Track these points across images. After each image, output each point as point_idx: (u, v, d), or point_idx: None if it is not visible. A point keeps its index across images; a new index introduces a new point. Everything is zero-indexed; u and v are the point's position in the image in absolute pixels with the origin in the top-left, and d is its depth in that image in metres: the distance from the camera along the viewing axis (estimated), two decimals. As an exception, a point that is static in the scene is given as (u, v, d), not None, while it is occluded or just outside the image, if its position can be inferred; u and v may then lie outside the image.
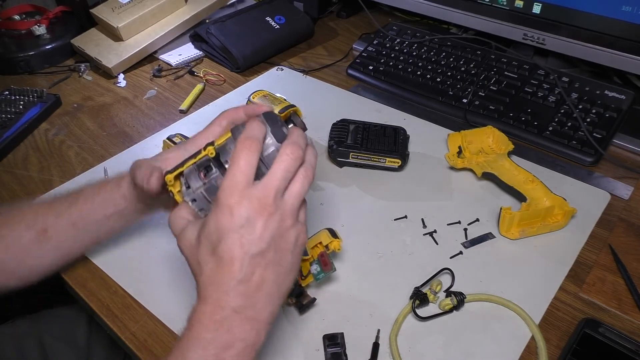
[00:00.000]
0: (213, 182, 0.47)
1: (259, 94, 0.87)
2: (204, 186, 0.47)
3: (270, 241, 0.43)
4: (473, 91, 0.91)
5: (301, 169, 0.45)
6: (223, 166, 0.47)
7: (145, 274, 0.64)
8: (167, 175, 0.48)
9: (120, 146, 0.86)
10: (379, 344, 0.56)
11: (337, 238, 0.60)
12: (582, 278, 0.63)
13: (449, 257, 0.65)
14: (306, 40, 1.16)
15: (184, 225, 0.46)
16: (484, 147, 0.80)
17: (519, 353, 0.55)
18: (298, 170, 0.45)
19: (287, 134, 0.47)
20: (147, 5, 1.06)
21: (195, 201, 0.48)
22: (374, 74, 0.99)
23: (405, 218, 0.71)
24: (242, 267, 0.42)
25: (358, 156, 0.77)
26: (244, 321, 0.42)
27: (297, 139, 0.46)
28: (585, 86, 0.87)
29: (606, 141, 0.80)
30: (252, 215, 0.42)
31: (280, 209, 0.43)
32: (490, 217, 0.70)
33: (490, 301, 0.60)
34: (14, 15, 1.14)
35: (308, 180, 0.45)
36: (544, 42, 0.91)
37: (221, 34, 1.05)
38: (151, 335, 0.58)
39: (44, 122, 0.93)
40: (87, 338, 0.76)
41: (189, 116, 0.93)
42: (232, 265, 0.42)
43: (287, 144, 0.45)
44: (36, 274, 0.60)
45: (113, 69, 1.03)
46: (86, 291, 0.63)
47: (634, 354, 0.53)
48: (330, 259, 0.59)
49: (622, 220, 0.70)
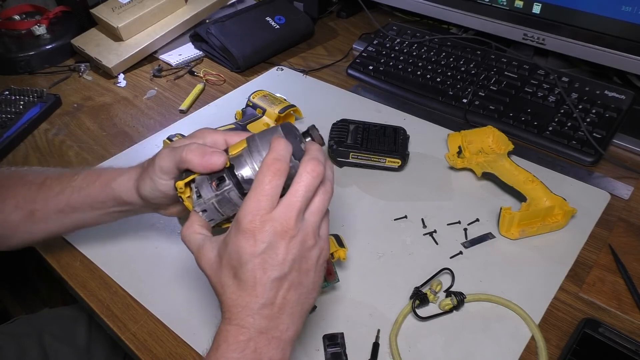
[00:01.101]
0: (226, 195, 0.46)
1: (258, 94, 0.87)
2: (215, 197, 0.46)
3: (293, 264, 0.42)
4: (473, 91, 0.91)
5: (321, 185, 0.44)
6: (236, 177, 0.46)
7: (145, 274, 0.64)
8: (177, 182, 0.48)
9: (120, 146, 0.86)
10: (379, 344, 0.56)
11: (343, 247, 0.59)
12: (582, 278, 0.63)
13: (449, 257, 0.65)
14: (306, 40, 1.16)
15: (201, 241, 0.46)
16: (484, 147, 0.80)
17: (519, 353, 0.55)
18: (318, 187, 0.44)
19: (305, 149, 0.46)
20: (147, 5, 1.06)
21: (206, 212, 0.47)
22: (374, 74, 0.99)
23: (405, 218, 0.71)
24: (265, 292, 0.42)
25: (358, 156, 0.77)
26: (269, 341, 0.42)
27: (316, 155, 0.44)
28: (585, 86, 0.87)
29: (606, 141, 0.80)
30: (274, 239, 0.42)
31: (302, 230, 0.43)
32: (490, 217, 0.70)
33: (490, 301, 0.60)
34: (14, 15, 1.14)
35: (328, 195, 0.45)
36: (544, 42, 0.91)
37: (221, 34, 1.05)
38: (151, 335, 0.58)
39: (44, 122, 0.93)
40: (87, 338, 0.76)
41: (189, 116, 0.93)
42: (255, 290, 0.42)
43: (307, 161, 0.43)
44: (29, 243, 0.62)
45: (113, 69, 1.03)
46: (86, 291, 0.63)
47: (634, 354, 0.53)
48: (334, 268, 0.59)
49: (622, 220, 0.70)
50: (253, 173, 0.45)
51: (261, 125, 0.83)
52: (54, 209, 0.57)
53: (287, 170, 0.43)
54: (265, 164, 0.43)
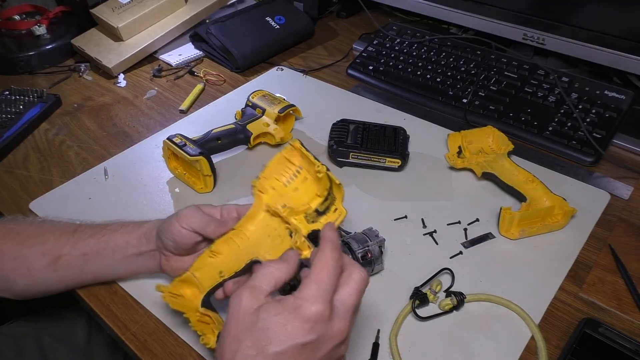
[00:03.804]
0: None
1: (258, 94, 0.87)
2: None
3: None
4: (473, 91, 0.91)
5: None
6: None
7: (145, 274, 0.64)
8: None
9: (120, 146, 0.86)
10: (379, 344, 0.56)
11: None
12: (582, 278, 0.63)
13: (449, 257, 0.65)
14: (306, 40, 1.16)
15: (258, 297, 0.43)
16: (484, 147, 0.80)
17: (519, 353, 0.55)
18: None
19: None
20: (147, 5, 1.06)
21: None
22: (374, 74, 0.99)
23: (405, 218, 0.71)
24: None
25: (358, 156, 0.77)
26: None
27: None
28: (585, 86, 0.87)
29: (606, 141, 0.80)
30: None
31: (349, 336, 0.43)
32: (490, 217, 0.70)
33: (490, 301, 0.60)
34: (14, 15, 1.14)
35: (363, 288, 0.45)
36: (544, 42, 0.91)
37: (221, 34, 1.05)
38: (151, 335, 0.58)
39: (44, 122, 0.93)
40: (86, 338, 0.76)
41: (189, 116, 0.93)
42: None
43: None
44: (36, 295, 0.61)
45: (113, 69, 1.03)
46: (86, 291, 0.63)
47: (634, 353, 0.53)
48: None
49: (622, 220, 0.70)
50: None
51: (261, 125, 0.83)
52: (80, 253, 0.58)
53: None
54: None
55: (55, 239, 0.59)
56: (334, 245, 0.43)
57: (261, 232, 0.53)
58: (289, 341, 0.39)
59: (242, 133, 0.81)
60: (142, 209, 0.73)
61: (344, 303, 0.42)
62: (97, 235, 0.59)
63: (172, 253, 0.57)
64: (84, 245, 0.58)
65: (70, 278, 0.60)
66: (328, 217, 0.50)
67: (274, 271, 0.44)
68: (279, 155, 0.52)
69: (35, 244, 0.59)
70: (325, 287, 0.41)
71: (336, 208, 0.50)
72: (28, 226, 0.61)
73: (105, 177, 0.79)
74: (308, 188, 0.52)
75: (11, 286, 0.59)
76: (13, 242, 0.59)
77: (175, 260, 0.57)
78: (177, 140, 0.74)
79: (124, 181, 0.79)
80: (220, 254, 0.53)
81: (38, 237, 0.59)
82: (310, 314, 0.40)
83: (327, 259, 0.42)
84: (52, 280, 0.59)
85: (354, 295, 0.42)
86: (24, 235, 0.59)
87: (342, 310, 0.42)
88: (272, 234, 0.52)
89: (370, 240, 0.61)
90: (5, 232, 0.60)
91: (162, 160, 0.80)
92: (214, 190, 0.76)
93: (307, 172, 0.52)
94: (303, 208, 0.51)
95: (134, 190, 0.77)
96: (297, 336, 0.39)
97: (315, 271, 0.42)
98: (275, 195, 0.53)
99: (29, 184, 0.79)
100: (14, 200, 0.76)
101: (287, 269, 0.44)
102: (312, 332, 0.40)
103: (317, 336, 0.40)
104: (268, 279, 0.43)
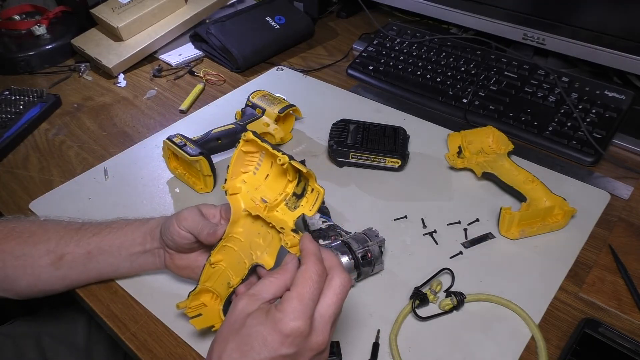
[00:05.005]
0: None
1: (258, 94, 0.87)
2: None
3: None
4: (473, 91, 0.91)
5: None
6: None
7: (145, 273, 0.64)
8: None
9: (120, 146, 0.86)
10: (379, 344, 0.56)
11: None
12: (582, 278, 0.63)
13: (449, 257, 0.65)
14: (306, 40, 1.16)
15: (256, 301, 0.44)
16: (484, 147, 0.80)
17: (519, 353, 0.55)
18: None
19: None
20: (147, 5, 1.06)
21: None
22: (373, 74, 0.99)
23: (405, 218, 0.71)
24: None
25: (358, 156, 0.77)
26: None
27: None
28: (585, 86, 0.87)
29: (606, 141, 0.80)
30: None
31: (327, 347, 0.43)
32: (490, 217, 0.70)
33: (490, 301, 0.60)
34: (14, 15, 1.14)
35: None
36: (544, 42, 0.91)
37: (221, 34, 1.05)
38: (151, 335, 0.58)
39: (44, 122, 0.93)
40: (86, 338, 0.76)
41: (189, 116, 0.93)
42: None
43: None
44: (38, 294, 0.61)
45: (113, 69, 1.03)
46: (86, 291, 0.63)
47: (633, 353, 0.53)
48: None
49: (622, 220, 0.70)
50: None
51: (261, 125, 0.83)
52: (84, 251, 0.58)
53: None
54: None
55: (59, 237, 0.59)
56: (316, 257, 0.44)
57: (249, 232, 0.53)
58: (267, 352, 0.40)
59: (242, 133, 0.81)
60: (142, 209, 0.73)
61: (323, 315, 0.42)
62: (102, 233, 0.59)
63: (174, 251, 0.57)
64: (88, 243, 0.58)
65: (74, 276, 0.60)
66: (308, 198, 0.50)
67: (273, 281, 0.45)
68: (236, 151, 0.53)
69: (39, 242, 0.59)
70: (307, 302, 0.42)
71: (312, 188, 0.50)
72: (30, 225, 0.61)
73: (105, 177, 0.79)
74: (278, 173, 0.52)
75: (14, 285, 0.59)
76: (16, 241, 0.59)
77: (179, 258, 0.58)
78: (177, 140, 0.74)
79: (124, 181, 0.79)
80: (221, 262, 0.54)
81: (41, 235, 0.59)
82: (289, 330, 0.40)
83: (310, 273, 0.43)
84: (56, 279, 0.59)
85: (332, 305, 0.43)
86: (27, 234, 0.59)
87: (322, 323, 0.42)
88: (261, 231, 0.52)
89: (370, 240, 0.61)
90: (7, 231, 0.60)
91: (162, 160, 0.80)
92: (214, 190, 0.76)
93: (271, 157, 0.52)
94: (281, 197, 0.51)
95: (134, 190, 0.77)
96: (276, 349, 0.40)
97: (298, 284, 0.42)
98: (250, 189, 0.53)
99: (29, 184, 0.79)
100: (14, 200, 0.76)
101: (287, 276, 0.45)
102: (292, 346, 0.41)
103: (296, 350, 0.41)
104: (267, 287, 0.44)
